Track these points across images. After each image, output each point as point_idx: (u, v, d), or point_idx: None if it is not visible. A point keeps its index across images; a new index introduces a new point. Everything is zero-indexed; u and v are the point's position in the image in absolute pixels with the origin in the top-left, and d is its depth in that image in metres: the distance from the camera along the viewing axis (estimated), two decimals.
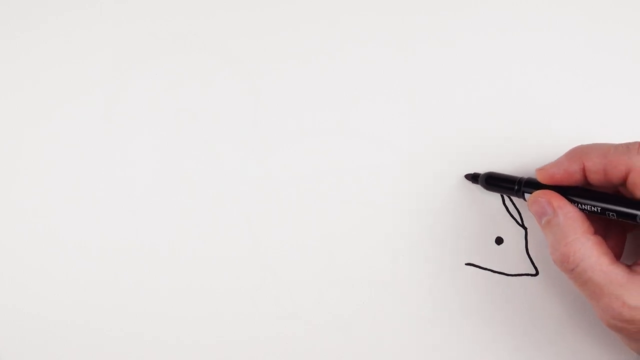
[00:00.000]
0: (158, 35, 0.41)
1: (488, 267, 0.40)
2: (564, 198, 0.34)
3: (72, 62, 0.41)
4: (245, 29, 0.41)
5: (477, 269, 0.40)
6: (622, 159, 0.32)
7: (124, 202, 0.41)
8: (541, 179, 0.35)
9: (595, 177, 0.33)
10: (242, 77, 0.40)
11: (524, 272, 0.39)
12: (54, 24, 0.41)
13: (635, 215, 0.32)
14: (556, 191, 0.34)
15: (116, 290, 0.41)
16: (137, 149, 0.41)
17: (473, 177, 0.39)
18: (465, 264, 0.40)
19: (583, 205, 0.34)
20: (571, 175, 0.33)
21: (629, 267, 0.33)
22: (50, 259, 0.41)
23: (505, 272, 0.40)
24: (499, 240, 0.40)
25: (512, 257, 0.40)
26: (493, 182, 0.38)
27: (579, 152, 0.33)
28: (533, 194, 0.35)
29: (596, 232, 0.34)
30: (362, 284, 0.40)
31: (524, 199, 0.36)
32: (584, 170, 0.33)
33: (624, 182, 0.32)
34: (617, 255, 0.37)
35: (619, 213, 0.33)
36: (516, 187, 0.36)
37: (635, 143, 0.32)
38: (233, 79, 0.40)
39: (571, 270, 0.33)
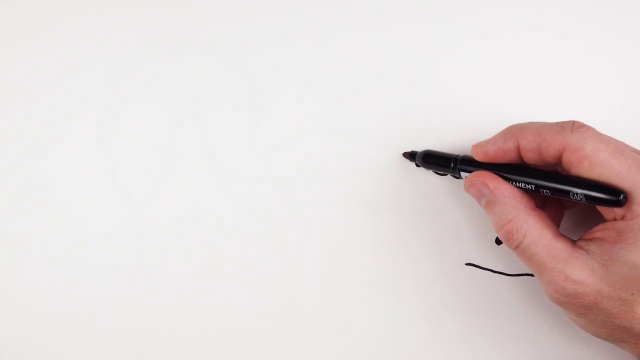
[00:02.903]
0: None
1: (488, 267, 0.40)
2: (498, 177, 0.34)
3: (71, 62, 0.41)
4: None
5: (477, 269, 0.40)
6: (556, 137, 0.32)
7: (124, 202, 0.41)
8: (476, 155, 0.35)
9: (530, 156, 0.34)
10: (238, 76, 0.41)
11: (524, 272, 0.39)
12: (53, 23, 0.41)
13: (569, 192, 0.32)
14: (491, 170, 0.35)
15: (116, 290, 0.41)
16: (137, 149, 0.41)
17: (410, 155, 0.39)
18: (465, 264, 0.40)
19: (518, 183, 0.34)
20: (506, 152, 0.34)
21: (573, 242, 0.33)
22: (50, 259, 0.41)
23: (505, 272, 0.40)
24: (499, 241, 0.39)
25: (512, 257, 0.40)
26: (430, 160, 0.38)
27: (514, 130, 0.34)
28: (468, 177, 0.35)
29: (537, 207, 0.34)
30: (362, 284, 0.40)
31: (460, 176, 0.37)
32: (518, 148, 0.34)
33: (558, 160, 0.33)
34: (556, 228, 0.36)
35: (552, 190, 0.33)
36: (452, 165, 0.36)
37: (569, 122, 0.33)
38: (227, 78, 0.41)
39: (516, 247, 0.34)
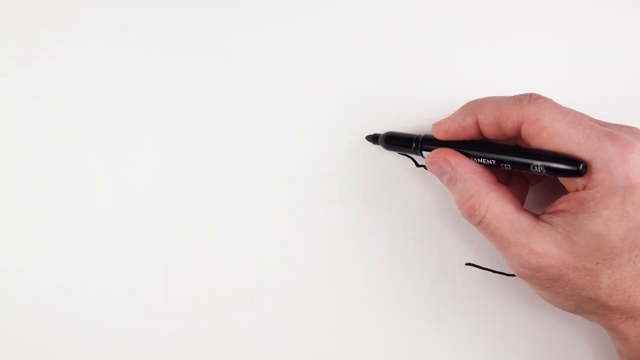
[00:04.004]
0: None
1: (488, 267, 0.40)
2: (459, 153, 0.34)
3: (71, 62, 0.40)
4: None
5: (477, 269, 0.40)
6: (514, 110, 0.32)
7: (123, 202, 0.40)
8: (436, 134, 0.35)
9: (489, 130, 0.34)
10: (244, 81, 0.40)
11: None
12: (51, 27, 0.40)
13: (529, 164, 0.32)
14: (452, 147, 0.35)
15: (115, 291, 0.40)
16: (137, 149, 0.41)
17: (373, 138, 0.39)
18: (465, 264, 0.40)
19: (479, 159, 0.34)
20: (466, 129, 0.34)
21: (536, 215, 0.33)
22: (48, 260, 0.41)
23: (505, 272, 0.39)
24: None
25: None
26: (392, 141, 0.38)
27: (472, 106, 0.34)
28: (429, 155, 0.35)
29: (499, 182, 0.34)
30: (362, 284, 0.40)
31: (423, 156, 0.36)
32: (478, 123, 0.34)
33: (518, 133, 0.33)
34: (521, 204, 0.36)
35: (513, 163, 0.33)
36: (414, 145, 0.36)
37: (526, 94, 0.32)
38: (232, 80, 0.40)
39: (479, 222, 0.34)
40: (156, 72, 0.40)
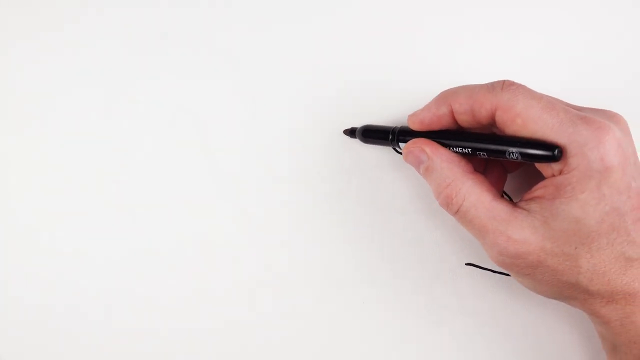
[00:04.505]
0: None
1: (488, 267, 0.39)
2: (435, 143, 0.34)
3: (71, 63, 0.41)
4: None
5: (477, 269, 0.40)
6: (488, 97, 0.32)
7: (123, 202, 0.40)
8: (412, 125, 0.35)
9: (464, 119, 0.33)
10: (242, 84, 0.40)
11: None
12: (51, 28, 0.41)
13: (505, 151, 0.32)
14: (428, 137, 0.34)
15: (114, 291, 0.41)
16: (136, 148, 0.41)
17: (351, 132, 0.39)
18: (465, 264, 0.40)
19: (455, 148, 0.34)
20: (441, 118, 0.34)
21: (514, 203, 0.33)
22: (48, 260, 0.41)
23: (506, 272, 0.39)
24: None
25: None
26: (369, 134, 0.37)
27: (446, 95, 0.34)
28: (405, 145, 0.35)
29: (476, 171, 0.34)
30: (362, 284, 0.40)
31: (400, 148, 0.36)
32: (452, 112, 0.34)
33: (492, 121, 0.33)
34: (500, 193, 0.36)
35: (488, 151, 0.32)
36: (391, 137, 0.36)
37: (499, 81, 0.32)
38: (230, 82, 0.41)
39: (456, 211, 0.34)
40: (155, 73, 0.41)
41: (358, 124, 0.39)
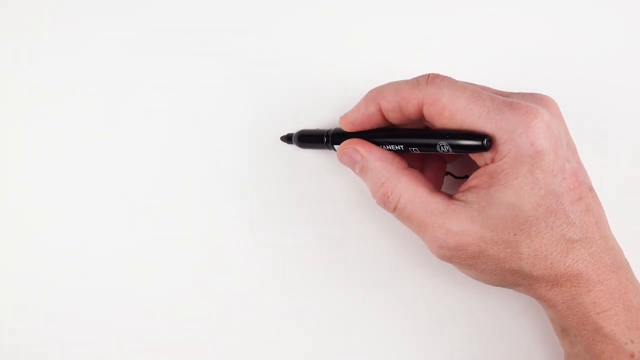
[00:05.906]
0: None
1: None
2: (368, 142, 0.34)
3: (71, 63, 0.41)
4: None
5: None
6: (413, 92, 0.32)
7: (123, 201, 0.40)
8: (344, 126, 0.35)
9: (393, 116, 0.33)
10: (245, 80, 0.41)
11: None
12: (52, 29, 0.41)
13: (435, 144, 0.32)
14: (361, 137, 0.34)
15: (114, 291, 0.40)
16: (135, 148, 0.41)
17: (287, 138, 0.39)
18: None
19: (388, 146, 0.34)
20: (370, 117, 0.34)
21: (450, 196, 0.33)
22: (47, 260, 0.41)
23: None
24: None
25: None
26: (305, 139, 0.37)
27: (373, 94, 0.34)
28: (338, 147, 0.35)
29: (412, 167, 0.34)
30: (362, 284, 0.40)
31: (335, 150, 0.36)
32: (381, 110, 0.33)
33: (421, 116, 0.33)
34: (438, 187, 0.36)
35: (419, 146, 0.32)
36: (325, 140, 0.36)
37: (424, 75, 0.32)
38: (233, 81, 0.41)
39: (394, 209, 0.33)
40: (154, 73, 0.41)
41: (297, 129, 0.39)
